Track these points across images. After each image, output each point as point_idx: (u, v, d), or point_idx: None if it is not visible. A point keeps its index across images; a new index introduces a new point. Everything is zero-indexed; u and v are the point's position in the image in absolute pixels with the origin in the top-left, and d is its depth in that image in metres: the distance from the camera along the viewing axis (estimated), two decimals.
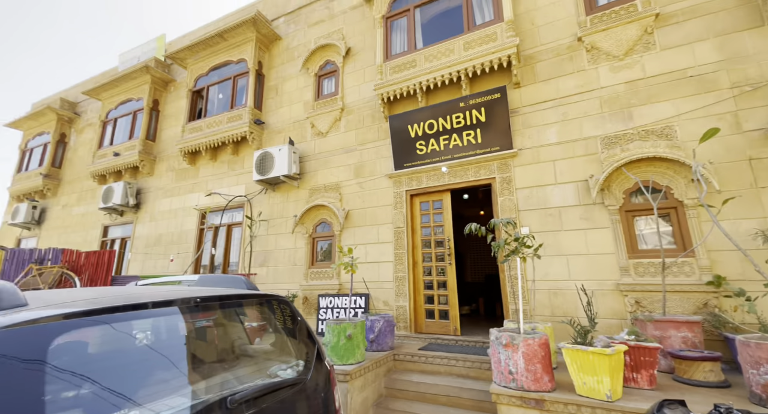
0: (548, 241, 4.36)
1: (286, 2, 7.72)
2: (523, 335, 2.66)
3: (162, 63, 8.82)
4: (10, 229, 10.71)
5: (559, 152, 4.60)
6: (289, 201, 6.52)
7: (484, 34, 5.10)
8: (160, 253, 7.65)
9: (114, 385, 1.15)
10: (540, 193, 4.60)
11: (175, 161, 8.14)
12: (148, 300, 1.40)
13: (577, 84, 4.66)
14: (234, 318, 1.99)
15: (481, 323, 6.01)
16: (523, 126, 4.92)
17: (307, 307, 5.82)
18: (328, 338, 3.67)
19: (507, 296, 4.50)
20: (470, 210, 10.04)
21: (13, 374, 0.89)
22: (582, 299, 3.31)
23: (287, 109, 7.04)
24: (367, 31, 6.46)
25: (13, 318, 0.96)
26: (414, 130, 5.48)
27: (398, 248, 5.33)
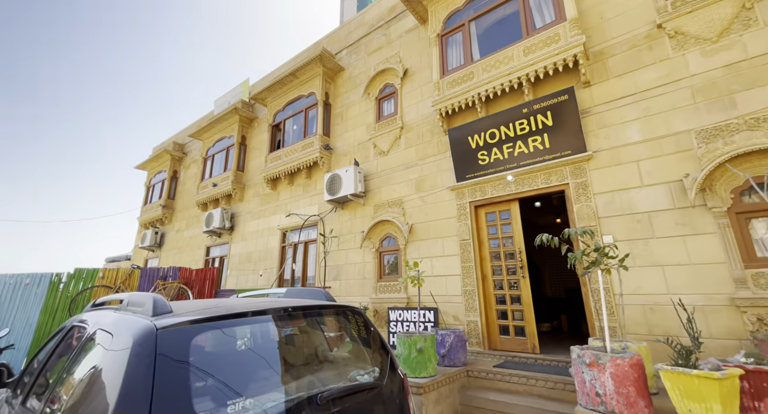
0: (637, 251, 3.92)
1: (348, 35, 8.41)
2: (610, 354, 2.44)
3: (247, 104, 10.21)
4: (140, 252, 13.13)
5: (643, 151, 4.16)
6: (356, 218, 6.91)
7: (545, 36, 4.93)
8: (251, 269, 8.65)
9: (229, 380, 1.41)
10: (623, 197, 4.19)
11: (260, 187, 9.23)
12: (248, 309, 1.68)
13: (660, 75, 4.21)
14: (316, 326, 2.22)
15: (563, 341, 5.51)
16: (597, 126, 4.57)
17: (378, 319, 6.00)
18: (400, 350, 3.77)
19: (591, 312, 4.11)
20: (544, 218, 9.40)
21: (171, 362, 1.18)
22: (681, 315, 2.89)
23: (351, 132, 7.56)
24: (423, 50, 6.70)
25: (168, 321, 1.28)
26: (474, 141, 5.45)
27: (465, 261, 5.25)
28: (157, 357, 1.16)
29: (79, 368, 1.53)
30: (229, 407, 1.22)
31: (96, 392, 1.22)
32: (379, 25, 7.67)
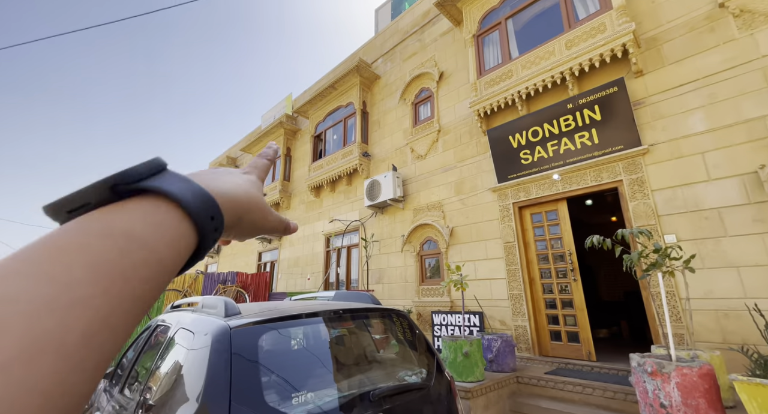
0: (706, 251, 3.58)
1: (383, 44, 8.60)
2: (675, 363, 2.27)
3: (290, 117, 10.80)
4: None
5: (709, 142, 3.80)
6: (396, 222, 7.00)
7: (589, 27, 4.70)
8: (299, 273, 9.10)
9: (290, 375, 1.56)
10: (687, 193, 3.85)
11: (304, 195, 9.70)
12: (303, 312, 1.83)
13: (725, 58, 3.83)
14: (363, 328, 2.33)
15: (623, 349, 5.13)
16: (652, 118, 4.26)
17: (422, 323, 6.02)
18: (445, 354, 3.78)
19: (653, 318, 3.81)
20: (598, 217, 8.83)
21: (242, 358, 1.35)
22: (758, 322, 2.60)
23: (389, 138, 7.70)
24: (459, 52, 6.67)
25: (238, 321, 1.46)
26: (516, 140, 5.31)
27: (510, 264, 5.11)
28: (232, 353, 1.33)
29: (165, 362, 1.77)
30: (293, 399, 1.36)
31: (182, 384, 1.42)
32: (414, 31, 7.76)
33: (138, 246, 0.19)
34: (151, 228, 0.20)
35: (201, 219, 0.23)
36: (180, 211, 0.22)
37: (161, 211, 0.21)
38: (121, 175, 0.21)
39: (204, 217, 0.23)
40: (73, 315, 0.15)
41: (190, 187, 0.23)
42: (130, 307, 0.17)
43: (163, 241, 0.20)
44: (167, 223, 0.21)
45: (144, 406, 1.58)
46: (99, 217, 0.19)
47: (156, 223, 0.20)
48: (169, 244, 0.20)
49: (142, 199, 0.21)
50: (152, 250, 0.19)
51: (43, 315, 0.14)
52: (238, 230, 0.30)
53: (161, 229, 0.20)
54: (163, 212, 0.21)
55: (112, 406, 2.05)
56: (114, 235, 0.18)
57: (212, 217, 0.24)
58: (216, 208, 0.24)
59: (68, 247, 0.17)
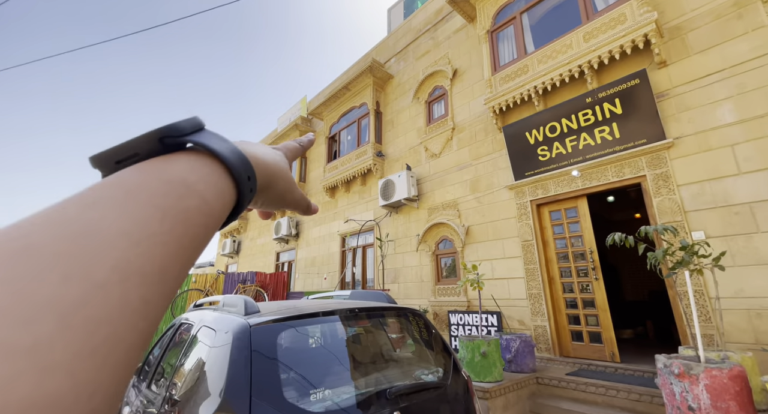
0: (736, 248, 3.41)
1: (395, 43, 8.60)
2: (704, 364, 2.18)
3: (306, 119, 10.95)
4: (222, 258, 14.74)
5: (738, 134, 3.63)
6: (411, 221, 6.99)
7: (608, 18, 4.56)
8: (315, 273, 9.21)
9: (307, 372, 1.59)
10: (716, 187, 3.68)
11: (320, 196, 9.82)
12: (321, 310, 1.86)
13: (754, 46, 3.64)
14: (379, 327, 2.35)
15: (649, 349, 4.96)
16: (677, 110, 4.10)
17: (438, 323, 5.99)
18: (463, 353, 3.75)
19: (680, 318, 3.67)
20: (620, 214, 8.57)
21: (262, 354, 1.39)
22: None
23: (403, 138, 7.69)
24: (473, 49, 6.59)
25: (258, 319, 1.50)
26: (533, 136, 5.21)
27: (528, 263, 5.02)
28: (252, 350, 1.37)
29: (189, 359, 1.84)
30: (311, 396, 1.38)
31: (206, 380, 1.47)
32: (426, 29, 7.72)
33: (194, 194, 0.20)
34: (203, 179, 0.21)
35: (241, 177, 0.24)
36: (223, 167, 0.23)
37: (207, 165, 0.22)
38: (169, 128, 0.22)
39: (243, 175, 0.24)
40: (149, 249, 0.16)
41: (230, 146, 0.24)
42: (189, 249, 0.19)
43: (212, 192, 0.21)
44: (214, 177, 0.22)
45: (170, 401, 1.64)
46: (154, 165, 0.20)
47: (205, 175, 0.22)
48: (216, 195, 0.22)
49: (190, 153, 0.23)
50: (204, 200, 0.21)
51: (127, 247, 0.16)
52: (266, 196, 0.31)
53: (210, 181, 0.22)
54: (209, 166, 0.23)
55: (141, 401, 2.14)
56: (172, 182, 0.20)
57: (249, 177, 0.25)
58: (251, 168, 0.26)
59: (135, 189, 0.18)
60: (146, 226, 0.17)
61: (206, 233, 0.20)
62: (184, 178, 0.20)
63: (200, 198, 0.20)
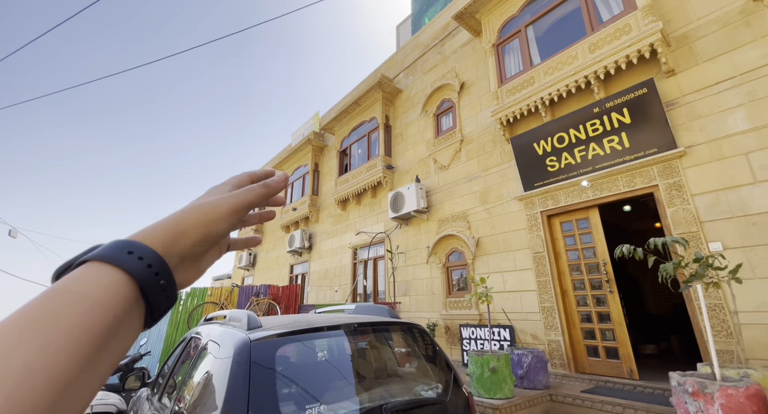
0: (756, 259, 3.28)
1: (404, 58, 8.79)
2: (719, 383, 2.10)
3: (318, 134, 11.23)
4: (238, 271, 15.03)
5: (753, 142, 3.53)
6: (421, 233, 6.99)
7: (613, 29, 4.57)
8: (327, 285, 9.28)
9: (307, 386, 1.64)
10: (732, 197, 3.57)
11: (332, 209, 9.96)
12: (324, 324, 1.91)
13: (764, 52, 3.58)
14: (384, 342, 2.37)
15: (672, 366, 4.73)
16: (688, 118, 4.03)
17: (450, 336, 5.91)
18: (472, 369, 3.69)
19: (700, 333, 3.52)
20: (640, 223, 8.30)
21: (261, 368, 1.44)
22: None
23: (412, 150, 7.78)
24: (479, 62, 6.68)
25: (259, 334, 1.56)
26: (541, 147, 5.19)
27: (540, 275, 4.93)
28: (251, 364, 1.43)
29: (197, 372, 1.91)
30: (307, 411, 1.42)
31: (209, 393, 1.53)
32: (434, 44, 7.88)
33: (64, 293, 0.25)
34: (78, 279, 0.26)
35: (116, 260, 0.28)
36: (102, 264, 0.28)
37: (89, 267, 0.28)
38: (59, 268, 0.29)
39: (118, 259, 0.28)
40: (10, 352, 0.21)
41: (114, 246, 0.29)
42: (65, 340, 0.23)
43: (92, 286, 0.26)
44: (95, 274, 0.27)
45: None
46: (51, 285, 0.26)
47: (82, 275, 0.27)
48: (94, 285, 0.26)
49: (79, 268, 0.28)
50: (82, 295, 0.25)
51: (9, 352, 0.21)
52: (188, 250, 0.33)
53: (86, 278, 0.27)
54: (90, 267, 0.28)
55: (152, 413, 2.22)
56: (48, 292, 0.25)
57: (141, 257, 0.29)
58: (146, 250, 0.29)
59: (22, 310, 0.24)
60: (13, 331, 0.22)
61: (94, 322, 0.24)
62: (61, 287, 0.25)
63: (77, 295, 0.25)
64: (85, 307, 0.25)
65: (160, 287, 0.30)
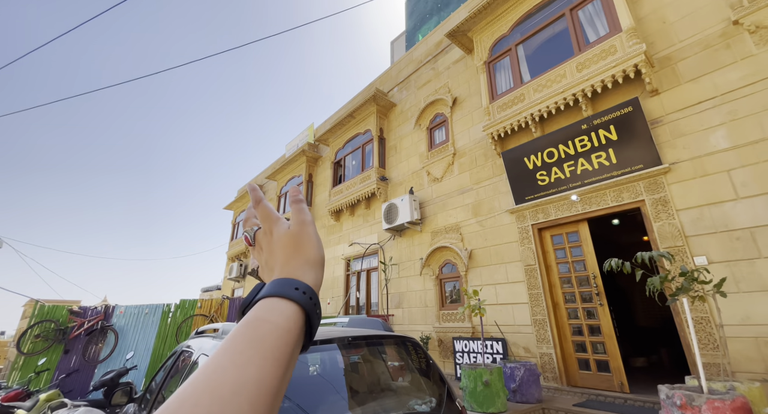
0: (740, 274, 3.38)
1: (398, 73, 8.98)
2: (706, 396, 2.13)
3: (312, 145, 11.29)
4: (228, 282, 14.79)
5: (734, 159, 3.68)
6: (414, 245, 7.02)
7: (599, 49, 4.76)
8: (320, 297, 9.15)
9: (302, 403, 1.63)
10: (715, 212, 3.69)
11: (325, 220, 9.95)
12: (317, 338, 1.91)
13: (744, 74, 3.76)
14: (377, 356, 2.37)
15: (662, 379, 4.77)
16: (672, 136, 4.18)
17: (443, 350, 5.88)
18: (465, 382, 3.68)
19: (688, 346, 3.57)
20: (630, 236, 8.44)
21: None
22: None
23: (405, 162, 7.87)
24: (471, 78, 6.86)
25: None
26: (531, 161, 5.32)
27: (532, 288, 4.98)
28: None
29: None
30: None
31: None
32: (427, 61, 8.08)
33: (265, 323, 0.32)
34: (273, 311, 0.34)
35: (290, 296, 0.36)
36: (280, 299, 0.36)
37: (274, 303, 0.35)
38: (243, 303, 0.38)
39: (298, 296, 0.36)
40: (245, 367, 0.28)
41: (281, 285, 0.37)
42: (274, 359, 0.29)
43: (280, 317, 0.33)
44: (280, 307, 0.34)
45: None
46: (246, 316, 0.34)
47: (273, 309, 0.34)
48: (285, 318, 0.33)
49: (266, 300, 0.36)
50: (275, 324, 0.32)
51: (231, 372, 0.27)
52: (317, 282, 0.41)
53: (277, 310, 0.34)
54: (275, 303, 0.35)
55: None
56: (251, 320, 0.33)
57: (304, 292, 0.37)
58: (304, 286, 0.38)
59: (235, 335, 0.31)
60: (240, 352, 0.29)
61: (283, 343, 0.31)
62: (258, 316, 0.33)
63: (270, 323, 0.32)
64: (279, 333, 0.32)
65: (317, 315, 0.37)
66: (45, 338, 5.78)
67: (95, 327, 6.03)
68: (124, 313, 6.31)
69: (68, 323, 6.04)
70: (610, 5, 4.80)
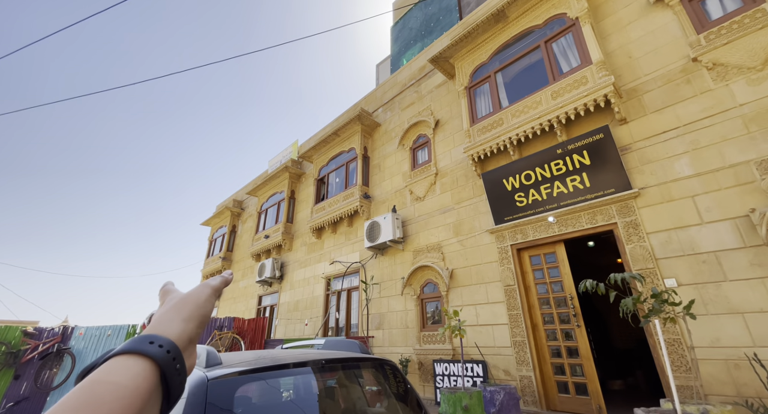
0: (708, 296, 3.49)
1: (383, 95, 9.20)
2: None
3: (296, 161, 11.26)
4: None
5: (697, 186, 3.88)
6: (396, 264, 6.96)
7: (572, 80, 5.04)
8: (298, 318, 8.87)
9: None
10: (682, 236, 3.85)
11: (306, 237, 9.78)
12: (290, 361, 1.82)
13: (703, 107, 4.05)
14: (354, 380, 2.27)
15: (639, 402, 4.79)
16: (640, 162, 4.40)
17: (423, 373, 5.74)
18: (444, 408, 3.57)
19: (662, 368, 3.62)
20: (604, 258, 8.67)
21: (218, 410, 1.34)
22: (759, 373, 2.47)
23: (389, 181, 7.93)
24: (453, 102, 7.10)
25: (218, 372, 1.46)
26: (510, 183, 5.46)
27: (512, 309, 4.99)
28: (207, 405, 1.32)
29: None
30: None
31: None
32: (411, 84, 8.34)
33: (104, 383, 0.29)
34: (116, 371, 0.30)
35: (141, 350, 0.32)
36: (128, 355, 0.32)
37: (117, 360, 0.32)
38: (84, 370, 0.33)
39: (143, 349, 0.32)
40: None
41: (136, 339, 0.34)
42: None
43: (125, 376, 0.30)
44: (124, 365, 0.31)
45: None
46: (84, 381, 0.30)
47: (117, 368, 0.31)
48: (131, 376, 0.30)
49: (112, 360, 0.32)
50: (118, 384, 0.29)
51: None
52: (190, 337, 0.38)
53: (122, 370, 0.30)
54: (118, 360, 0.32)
55: None
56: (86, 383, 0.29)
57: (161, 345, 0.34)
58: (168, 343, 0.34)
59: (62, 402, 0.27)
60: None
61: (125, 405, 0.28)
62: (96, 378, 0.29)
63: (110, 384, 0.29)
64: (120, 394, 0.28)
65: (177, 371, 0.33)
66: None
67: (50, 350, 5.57)
68: (84, 335, 5.88)
69: (21, 346, 5.56)
70: (581, 40, 5.13)
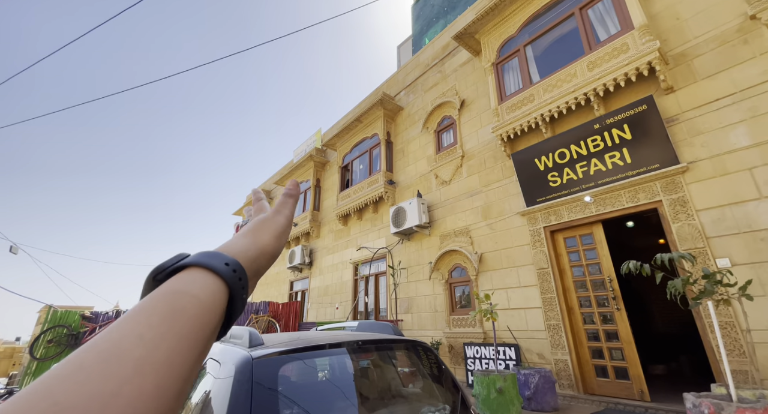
0: (766, 276, 3.22)
1: (405, 77, 8.98)
2: (736, 404, 2.01)
3: (320, 150, 11.34)
4: None
5: (756, 157, 3.54)
6: (423, 249, 6.93)
7: (611, 48, 4.67)
8: (328, 302, 9.13)
9: (311, 408, 1.57)
10: (738, 212, 3.55)
11: (333, 224, 9.94)
12: (326, 342, 1.86)
13: (763, 70, 3.64)
14: (388, 361, 2.30)
15: (683, 387, 4.57)
16: (689, 134, 4.06)
17: (454, 356, 5.76)
18: (478, 390, 3.57)
19: (711, 352, 3.41)
20: (644, 240, 8.22)
21: (263, 388, 1.39)
22: None
23: (413, 166, 7.82)
24: (479, 80, 6.81)
25: (261, 352, 1.52)
26: (542, 163, 5.22)
27: (545, 292, 4.85)
28: (254, 384, 1.38)
29: (197, 391, 1.84)
30: None
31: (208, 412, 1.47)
32: (434, 64, 8.07)
33: (185, 296, 0.27)
34: (195, 284, 0.29)
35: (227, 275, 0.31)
36: (211, 273, 0.31)
37: (198, 274, 0.30)
38: (155, 269, 0.31)
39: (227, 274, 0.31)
40: (155, 342, 0.23)
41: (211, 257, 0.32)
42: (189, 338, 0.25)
43: (204, 291, 0.29)
44: (204, 281, 0.30)
45: None
46: (163, 285, 0.29)
47: (195, 281, 0.29)
48: (208, 293, 0.29)
49: (188, 271, 0.31)
50: (197, 298, 0.28)
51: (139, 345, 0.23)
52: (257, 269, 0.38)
53: (199, 284, 0.29)
54: (199, 274, 0.30)
55: None
56: (168, 292, 0.28)
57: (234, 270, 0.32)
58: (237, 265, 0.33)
59: (144, 304, 0.26)
60: (150, 326, 0.24)
61: (203, 322, 0.27)
62: (177, 288, 0.28)
63: (192, 297, 0.28)
64: (200, 310, 0.27)
65: (242, 299, 0.32)
66: (57, 343, 5.83)
67: None
68: None
69: (80, 328, 6.09)
70: (621, 3, 4.71)
